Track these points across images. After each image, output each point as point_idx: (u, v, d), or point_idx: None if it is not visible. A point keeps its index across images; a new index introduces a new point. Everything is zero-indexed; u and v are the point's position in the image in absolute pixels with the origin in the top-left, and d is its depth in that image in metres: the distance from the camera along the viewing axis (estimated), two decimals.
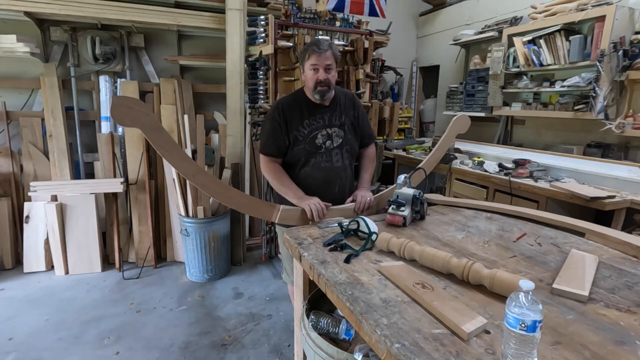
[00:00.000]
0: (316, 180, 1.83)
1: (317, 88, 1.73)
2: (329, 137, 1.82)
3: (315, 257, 1.25)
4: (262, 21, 2.71)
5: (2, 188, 3.16)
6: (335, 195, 1.83)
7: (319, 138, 1.80)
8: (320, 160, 1.81)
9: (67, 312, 2.56)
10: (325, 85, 1.73)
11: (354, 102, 1.93)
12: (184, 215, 3.00)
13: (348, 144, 1.87)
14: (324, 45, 1.72)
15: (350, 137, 1.88)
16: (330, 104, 1.84)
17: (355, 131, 1.91)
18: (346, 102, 1.89)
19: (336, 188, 1.87)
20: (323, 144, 1.81)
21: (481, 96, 3.96)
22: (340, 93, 1.91)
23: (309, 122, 1.80)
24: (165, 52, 3.62)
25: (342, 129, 1.85)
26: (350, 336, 1.28)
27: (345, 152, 1.87)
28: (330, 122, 1.82)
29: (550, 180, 2.59)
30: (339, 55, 1.82)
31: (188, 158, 1.41)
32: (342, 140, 1.85)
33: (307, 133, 1.79)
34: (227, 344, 2.29)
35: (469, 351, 0.77)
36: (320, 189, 1.80)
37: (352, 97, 1.95)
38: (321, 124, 1.81)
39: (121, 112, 1.24)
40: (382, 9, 4.34)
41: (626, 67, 2.77)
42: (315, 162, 1.81)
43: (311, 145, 1.79)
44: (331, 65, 1.73)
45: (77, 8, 2.92)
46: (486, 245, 1.35)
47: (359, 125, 1.93)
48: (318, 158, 1.81)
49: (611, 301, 0.98)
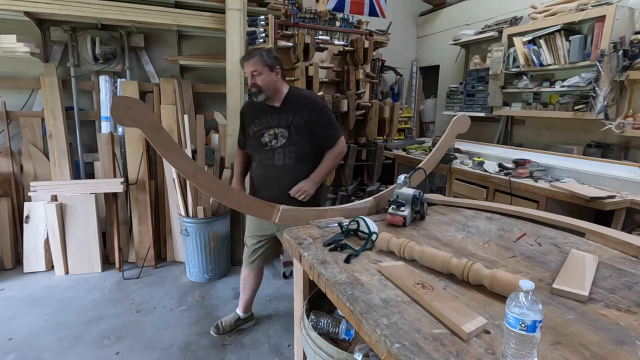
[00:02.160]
0: (259, 176, 2.05)
1: (251, 90, 1.94)
2: (275, 137, 1.95)
3: (315, 257, 1.25)
4: (262, 21, 2.71)
5: (2, 188, 3.16)
6: (275, 192, 1.96)
7: (266, 137, 1.96)
8: (263, 158, 1.99)
9: (67, 312, 2.56)
10: (255, 88, 1.91)
11: (310, 104, 1.98)
12: (184, 215, 3.00)
13: (292, 144, 1.94)
14: (250, 54, 1.92)
15: (295, 138, 1.94)
16: (281, 105, 1.97)
17: (304, 132, 1.94)
18: (299, 104, 1.96)
19: (276, 185, 1.99)
20: (269, 143, 1.96)
21: (481, 96, 3.96)
22: (296, 95, 2.01)
23: (259, 121, 1.99)
24: (165, 52, 3.62)
25: (287, 129, 1.94)
26: (350, 336, 1.28)
27: (288, 152, 1.95)
28: (279, 122, 1.95)
29: (550, 180, 2.59)
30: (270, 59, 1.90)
31: (188, 158, 1.41)
32: (286, 140, 1.94)
33: (256, 131, 1.99)
34: (227, 344, 2.29)
35: (469, 351, 0.77)
36: (262, 184, 2.04)
37: (309, 99, 2.01)
38: (270, 124, 1.96)
39: (121, 112, 1.24)
40: (382, 9, 4.35)
41: (626, 67, 2.77)
42: (260, 159, 2.01)
43: (258, 143, 1.99)
44: (256, 71, 1.88)
45: (77, 8, 2.92)
46: (486, 245, 1.35)
47: (316, 127, 1.95)
48: (262, 155, 1.99)
49: (611, 301, 0.98)
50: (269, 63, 1.91)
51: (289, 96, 1.99)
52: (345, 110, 2.77)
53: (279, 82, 1.97)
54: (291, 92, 2.01)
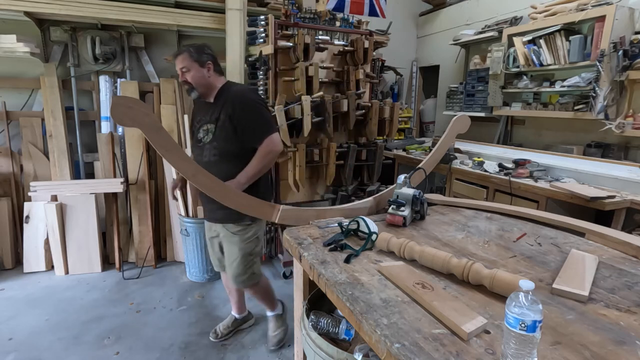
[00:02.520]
0: None
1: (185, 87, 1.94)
2: (207, 133, 1.93)
3: (315, 257, 1.24)
4: (262, 21, 2.71)
5: (2, 188, 3.16)
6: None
7: (200, 132, 1.95)
8: (197, 154, 1.98)
9: (67, 312, 2.56)
10: (186, 85, 1.89)
11: (235, 99, 1.89)
12: (184, 215, 3.00)
13: (216, 140, 1.89)
14: (179, 50, 1.89)
15: (219, 135, 1.88)
16: (214, 100, 1.94)
17: (228, 128, 1.87)
18: (227, 99, 1.89)
19: None
20: (202, 139, 1.95)
21: (481, 96, 3.96)
22: (227, 90, 1.94)
23: (198, 117, 2.00)
24: (165, 52, 3.62)
25: (215, 125, 1.90)
26: (350, 336, 1.28)
27: (213, 148, 1.90)
28: (210, 118, 1.92)
29: (550, 180, 2.59)
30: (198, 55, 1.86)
31: (188, 158, 1.41)
32: (213, 136, 1.90)
33: (195, 127, 2.00)
34: (227, 344, 2.29)
35: (469, 351, 0.77)
36: None
37: (237, 93, 1.91)
38: (204, 120, 1.95)
39: (121, 112, 1.24)
40: (382, 9, 4.35)
41: (626, 67, 2.77)
42: (195, 154, 2.01)
43: (195, 139, 2.00)
44: (185, 67, 1.85)
45: (77, 8, 2.92)
46: (486, 245, 1.35)
47: (240, 123, 1.86)
48: (196, 151, 2.00)
49: (611, 301, 0.98)
50: (198, 59, 1.86)
51: (221, 91, 1.94)
52: (345, 110, 2.77)
53: (212, 77, 1.91)
54: (224, 87, 1.95)
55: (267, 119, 1.94)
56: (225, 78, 2.02)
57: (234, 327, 2.38)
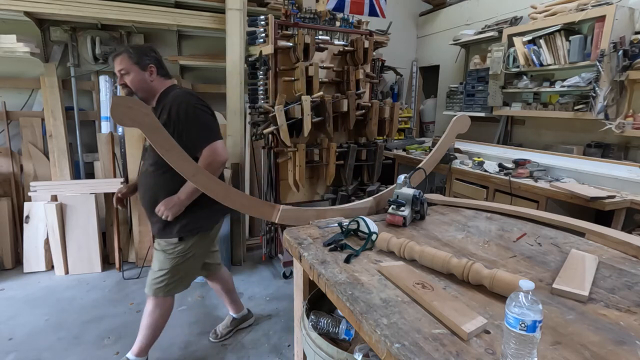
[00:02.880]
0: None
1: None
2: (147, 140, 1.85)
3: (315, 257, 1.24)
4: (262, 21, 2.71)
5: (2, 188, 3.16)
6: (142, 201, 1.91)
7: (146, 141, 1.91)
8: (142, 163, 1.92)
9: (67, 312, 2.56)
10: (125, 89, 1.78)
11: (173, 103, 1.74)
12: None
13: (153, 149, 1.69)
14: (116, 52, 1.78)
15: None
16: (156, 105, 1.82)
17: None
18: (165, 104, 1.76)
19: (140, 194, 1.92)
20: (147, 148, 1.88)
21: (481, 96, 3.96)
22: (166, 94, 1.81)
23: None
24: (165, 52, 3.62)
25: None
26: (350, 336, 1.28)
27: (150, 157, 1.81)
28: None
29: (550, 180, 2.59)
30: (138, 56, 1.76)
31: (188, 158, 1.41)
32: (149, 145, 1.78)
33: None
34: (227, 344, 2.29)
35: (469, 351, 0.77)
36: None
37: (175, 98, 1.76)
38: None
39: (121, 112, 1.24)
40: (382, 9, 4.35)
41: (626, 67, 2.77)
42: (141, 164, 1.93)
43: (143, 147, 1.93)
44: (123, 70, 1.74)
45: (77, 8, 2.92)
46: (486, 245, 1.35)
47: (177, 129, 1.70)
48: (141, 161, 1.93)
49: (611, 301, 0.98)
50: (138, 61, 1.74)
51: (162, 95, 1.81)
52: (345, 110, 2.77)
53: (155, 81, 1.80)
54: (165, 91, 1.82)
55: (208, 125, 1.77)
56: (172, 81, 1.91)
57: (234, 327, 2.38)
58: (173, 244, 1.84)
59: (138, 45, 1.80)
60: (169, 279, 1.87)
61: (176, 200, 1.72)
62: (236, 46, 3.21)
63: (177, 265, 1.87)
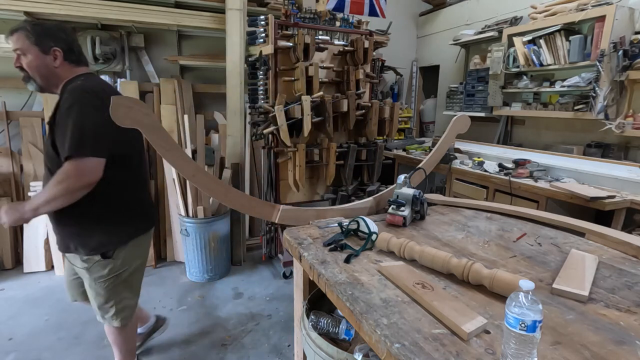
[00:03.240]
0: None
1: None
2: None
3: (315, 257, 1.24)
4: (262, 21, 2.71)
5: (2, 188, 3.16)
6: None
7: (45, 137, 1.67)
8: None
9: (67, 312, 2.56)
10: (22, 72, 1.50)
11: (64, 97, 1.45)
12: (184, 215, 3.00)
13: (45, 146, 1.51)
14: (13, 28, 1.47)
15: (46, 143, 1.49)
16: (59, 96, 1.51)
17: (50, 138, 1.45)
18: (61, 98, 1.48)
19: None
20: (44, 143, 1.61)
21: (481, 96, 3.96)
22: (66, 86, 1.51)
23: None
24: (165, 52, 3.62)
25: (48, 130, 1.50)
26: (350, 336, 1.28)
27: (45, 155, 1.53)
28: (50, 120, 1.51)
29: (550, 180, 2.59)
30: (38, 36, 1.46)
31: (188, 158, 1.41)
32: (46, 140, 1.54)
33: None
34: (227, 344, 2.29)
35: (469, 351, 0.77)
36: None
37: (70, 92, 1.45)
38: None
39: (121, 112, 1.24)
40: (382, 9, 4.35)
41: (626, 67, 2.77)
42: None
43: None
44: (19, 50, 1.46)
45: (77, 8, 2.92)
46: (486, 245, 1.35)
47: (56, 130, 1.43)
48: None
49: (611, 301, 0.98)
50: (38, 42, 1.45)
51: (65, 85, 1.51)
52: (345, 110, 2.77)
53: (60, 68, 1.50)
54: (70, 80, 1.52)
55: (83, 131, 1.38)
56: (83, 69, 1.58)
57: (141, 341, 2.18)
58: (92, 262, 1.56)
59: (43, 23, 1.50)
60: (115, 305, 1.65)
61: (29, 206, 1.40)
62: (236, 46, 3.22)
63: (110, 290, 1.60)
